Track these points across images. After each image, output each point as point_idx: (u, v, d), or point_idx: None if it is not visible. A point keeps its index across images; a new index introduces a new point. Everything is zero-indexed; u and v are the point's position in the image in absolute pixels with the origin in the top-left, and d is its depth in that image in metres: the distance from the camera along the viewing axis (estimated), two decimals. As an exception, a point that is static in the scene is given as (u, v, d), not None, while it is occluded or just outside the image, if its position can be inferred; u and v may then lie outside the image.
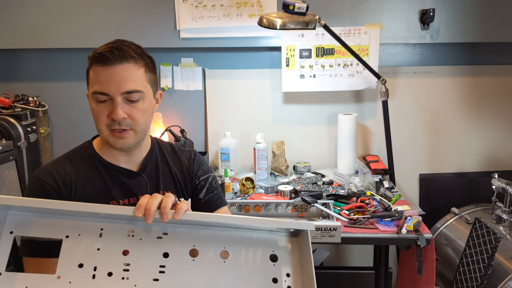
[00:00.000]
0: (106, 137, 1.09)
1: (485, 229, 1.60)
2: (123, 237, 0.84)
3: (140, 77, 1.07)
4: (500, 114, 2.28)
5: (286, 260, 0.88)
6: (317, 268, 2.34)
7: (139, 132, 1.10)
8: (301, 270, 0.87)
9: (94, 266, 0.81)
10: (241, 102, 2.31)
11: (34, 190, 1.08)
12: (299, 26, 1.70)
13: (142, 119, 1.09)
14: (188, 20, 2.13)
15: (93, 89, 1.04)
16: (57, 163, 1.13)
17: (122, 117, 1.04)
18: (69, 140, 2.38)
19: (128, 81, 1.04)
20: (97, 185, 1.12)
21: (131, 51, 1.05)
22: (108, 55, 1.02)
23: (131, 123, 1.07)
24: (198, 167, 1.28)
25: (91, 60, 1.05)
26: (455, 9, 2.09)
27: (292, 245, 0.90)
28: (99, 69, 1.03)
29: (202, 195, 1.28)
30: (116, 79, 1.03)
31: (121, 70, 1.03)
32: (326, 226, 1.49)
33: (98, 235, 0.83)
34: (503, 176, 1.83)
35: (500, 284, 1.61)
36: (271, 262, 0.88)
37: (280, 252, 0.89)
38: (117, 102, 1.04)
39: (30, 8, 2.16)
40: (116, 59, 1.02)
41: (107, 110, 1.05)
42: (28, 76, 2.34)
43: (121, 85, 1.03)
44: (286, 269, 0.87)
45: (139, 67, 1.07)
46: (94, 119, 1.08)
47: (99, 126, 1.08)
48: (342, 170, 2.16)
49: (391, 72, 2.24)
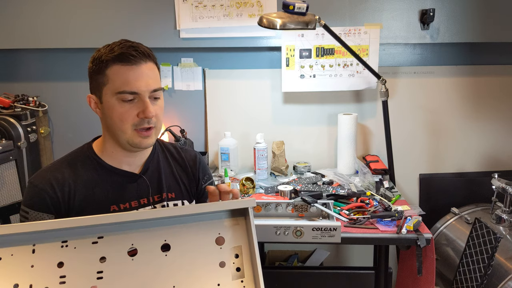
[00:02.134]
0: (129, 138, 1.07)
1: (485, 229, 1.60)
2: (57, 249, 0.82)
3: (158, 76, 1.10)
4: (500, 114, 2.28)
5: (233, 241, 0.87)
6: (317, 268, 2.34)
7: (159, 129, 1.12)
8: (249, 250, 0.86)
9: (30, 284, 0.80)
10: (241, 102, 2.31)
11: (30, 196, 1.07)
12: (299, 26, 1.70)
13: (162, 116, 1.11)
14: (188, 20, 2.13)
15: (121, 88, 1.03)
16: (55, 167, 1.12)
17: (154, 114, 1.05)
18: (69, 140, 2.39)
19: (153, 79, 1.06)
20: (97, 189, 1.11)
21: (148, 50, 1.07)
22: (132, 54, 1.02)
23: (155, 120, 1.08)
24: (204, 171, 1.29)
25: (112, 60, 1.03)
26: (455, 9, 2.09)
27: (239, 225, 0.88)
28: (124, 68, 1.02)
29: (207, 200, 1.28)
30: (144, 77, 1.04)
31: (146, 69, 1.05)
32: (326, 226, 1.49)
33: (31, 252, 0.81)
34: (503, 176, 1.83)
35: (500, 284, 1.61)
36: (217, 246, 0.86)
37: (226, 233, 0.87)
38: (148, 101, 1.04)
39: (30, 8, 2.16)
40: (141, 58, 1.04)
41: (135, 109, 1.05)
42: (28, 76, 2.34)
43: (149, 84, 1.04)
44: (234, 250, 0.86)
45: (155, 66, 1.09)
46: (117, 119, 1.05)
47: (123, 127, 1.06)
48: (342, 170, 2.16)
49: (391, 72, 2.24)
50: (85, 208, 1.09)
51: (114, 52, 1.03)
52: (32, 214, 1.06)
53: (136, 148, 1.10)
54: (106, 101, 1.06)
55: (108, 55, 1.03)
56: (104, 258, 0.82)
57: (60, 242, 0.82)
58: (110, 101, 1.05)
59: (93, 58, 1.07)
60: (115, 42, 1.06)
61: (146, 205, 1.16)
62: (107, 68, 1.03)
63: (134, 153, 1.14)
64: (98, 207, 1.10)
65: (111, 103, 1.05)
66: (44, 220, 1.06)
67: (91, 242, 0.83)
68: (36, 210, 1.06)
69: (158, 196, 1.18)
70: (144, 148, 1.12)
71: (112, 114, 1.05)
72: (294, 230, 1.51)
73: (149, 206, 1.16)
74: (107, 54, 1.03)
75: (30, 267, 0.80)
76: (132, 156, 1.15)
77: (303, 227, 1.50)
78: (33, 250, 0.81)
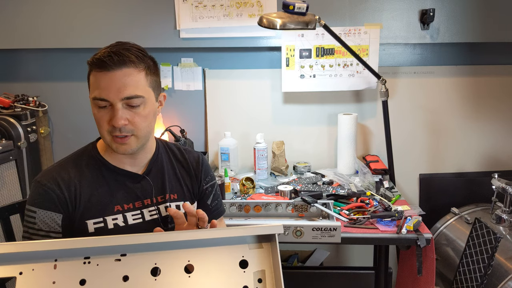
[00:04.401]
0: (108, 143, 1.08)
1: (485, 229, 1.60)
2: (79, 266, 0.80)
3: (141, 82, 1.05)
4: (500, 114, 2.28)
5: (257, 265, 0.85)
6: (317, 268, 2.34)
7: (141, 137, 1.09)
8: (273, 275, 0.84)
9: None
10: (241, 102, 2.31)
11: (37, 195, 1.07)
12: (299, 26, 1.70)
13: (143, 124, 1.07)
14: (188, 20, 2.13)
15: (93, 94, 1.03)
16: (61, 166, 1.12)
17: (122, 124, 1.03)
18: (69, 140, 2.39)
19: (128, 86, 1.02)
20: (102, 189, 1.11)
21: (131, 55, 1.03)
22: (106, 61, 1.00)
23: (132, 128, 1.06)
24: (207, 172, 1.29)
25: (90, 66, 1.04)
26: (455, 9, 2.09)
27: (264, 249, 0.86)
28: (99, 74, 1.02)
29: (210, 201, 1.29)
30: (115, 85, 1.01)
31: (120, 76, 1.01)
32: (326, 226, 1.49)
33: (53, 267, 0.80)
34: (503, 176, 1.83)
35: (500, 284, 1.61)
36: (241, 269, 0.84)
37: (250, 257, 0.85)
38: (117, 109, 1.02)
39: (30, 8, 2.16)
40: (115, 64, 1.01)
41: (107, 116, 1.04)
42: (28, 76, 2.34)
43: (120, 91, 1.01)
44: (258, 275, 0.84)
45: (139, 71, 1.05)
46: (97, 124, 1.07)
47: (101, 132, 1.07)
48: (342, 170, 2.16)
49: (391, 72, 2.24)
50: (89, 208, 1.09)
51: (96, 56, 1.03)
52: (41, 213, 1.06)
53: (116, 153, 1.11)
54: (91, 105, 1.07)
55: (90, 60, 1.04)
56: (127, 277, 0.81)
57: (82, 259, 0.81)
58: (92, 106, 1.06)
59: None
60: (111, 44, 1.06)
61: (150, 206, 1.16)
62: (90, 73, 1.05)
63: (133, 155, 1.14)
64: (102, 207, 1.10)
65: (92, 107, 1.07)
66: (53, 219, 1.06)
67: (114, 260, 0.82)
68: (44, 209, 1.06)
69: (162, 197, 1.18)
70: (123, 154, 1.10)
71: (94, 118, 1.07)
72: (294, 230, 1.51)
73: (152, 207, 1.17)
74: (91, 58, 1.04)
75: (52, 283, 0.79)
76: (132, 158, 1.15)
77: (303, 227, 1.50)
78: (55, 266, 0.80)
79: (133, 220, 1.13)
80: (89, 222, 1.09)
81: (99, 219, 1.10)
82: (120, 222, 1.11)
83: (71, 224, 1.09)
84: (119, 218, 1.11)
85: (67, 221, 1.08)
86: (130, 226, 1.12)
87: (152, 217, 1.16)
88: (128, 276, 0.81)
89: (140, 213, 1.14)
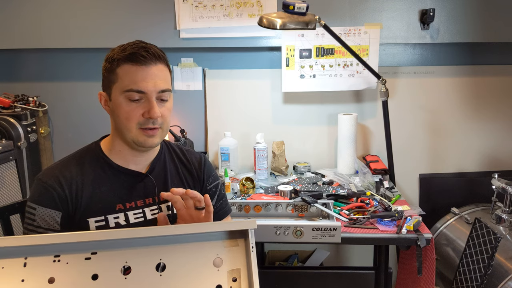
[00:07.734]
0: (134, 136, 1.09)
1: (485, 229, 1.60)
2: (49, 264, 0.79)
3: (168, 77, 1.12)
4: (500, 114, 2.28)
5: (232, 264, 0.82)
6: (317, 268, 2.34)
7: (165, 130, 1.13)
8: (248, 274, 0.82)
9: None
10: (241, 102, 2.31)
11: (38, 192, 1.08)
12: (299, 26, 1.70)
13: (169, 118, 1.13)
14: (188, 20, 2.13)
15: (129, 87, 1.05)
16: (63, 164, 1.13)
17: (159, 115, 1.07)
18: (69, 140, 2.38)
19: (162, 80, 1.08)
20: (104, 188, 1.12)
21: (159, 51, 1.09)
22: (144, 55, 1.05)
23: (161, 121, 1.10)
24: (209, 172, 1.30)
25: (121, 59, 1.06)
26: (455, 9, 2.09)
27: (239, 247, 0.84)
28: (134, 68, 1.05)
29: (214, 202, 1.29)
30: (152, 78, 1.06)
31: (156, 70, 1.07)
32: (326, 226, 1.49)
33: (22, 265, 0.78)
34: (503, 176, 1.83)
35: (500, 284, 1.61)
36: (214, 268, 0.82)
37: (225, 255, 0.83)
38: (154, 101, 1.06)
39: (30, 8, 2.16)
40: (151, 59, 1.06)
41: (140, 108, 1.07)
42: (28, 76, 2.34)
43: (156, 84, 1.06)
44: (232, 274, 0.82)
45: (166, 68, 1.11)
46: (123, 117, 1.07)
47: (129, 125, 1.08)
48: (342, 170, 2.16)
49: (391, 72, 2.24)
50: (91, 206, 1.10)
51: (125, 51, 1.06)
52: (40, 210, 1.06)
53: (141, 147, 1.11)
54: (114, 99, 1.08)
55: (120, 54, 1.06)
56: (96, 275, 0.79)
57: (52, 257, 0.79)
58: (118, 99, 1.07)
59: (106, 57, 1.10)
60: (129, 42, 1.09)
61: (152, 205, 1.17)
62: (118, 66, 1.06)
63: (141, 152, 1.15)
64: (104, 205, 1.11)
65: (119, 101, 1.07)
66: (52, 216, 1.06)
67: (84, 258, 0.80)
68: (44, 206, 1.06)
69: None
70: (149, 147, 1.12)
71: (119, 112, 1.08)
72: (294, 230, 1.51)
73: (154, 206, 1.17)
74: (119, 53, 1.07)
75: (20, 281, 0.78)
76: (139, 156, 1.16)
77: (303, 227, 1.50)
78: (25, 263, 0.79)
79: (134, 218, 1.14)
80: (90, 220, 1.09)
81: (101, 217, 1.10)
82: (121, 220, 1.12)
83: (71, 222, 1.09)
84: (120, 217, 1.12)
85: (67, 219, 1.08)
86: (132, 225, 1.13)
87: (153, 216, 1.16)
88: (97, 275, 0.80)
89: (141, 212, 1.15)
